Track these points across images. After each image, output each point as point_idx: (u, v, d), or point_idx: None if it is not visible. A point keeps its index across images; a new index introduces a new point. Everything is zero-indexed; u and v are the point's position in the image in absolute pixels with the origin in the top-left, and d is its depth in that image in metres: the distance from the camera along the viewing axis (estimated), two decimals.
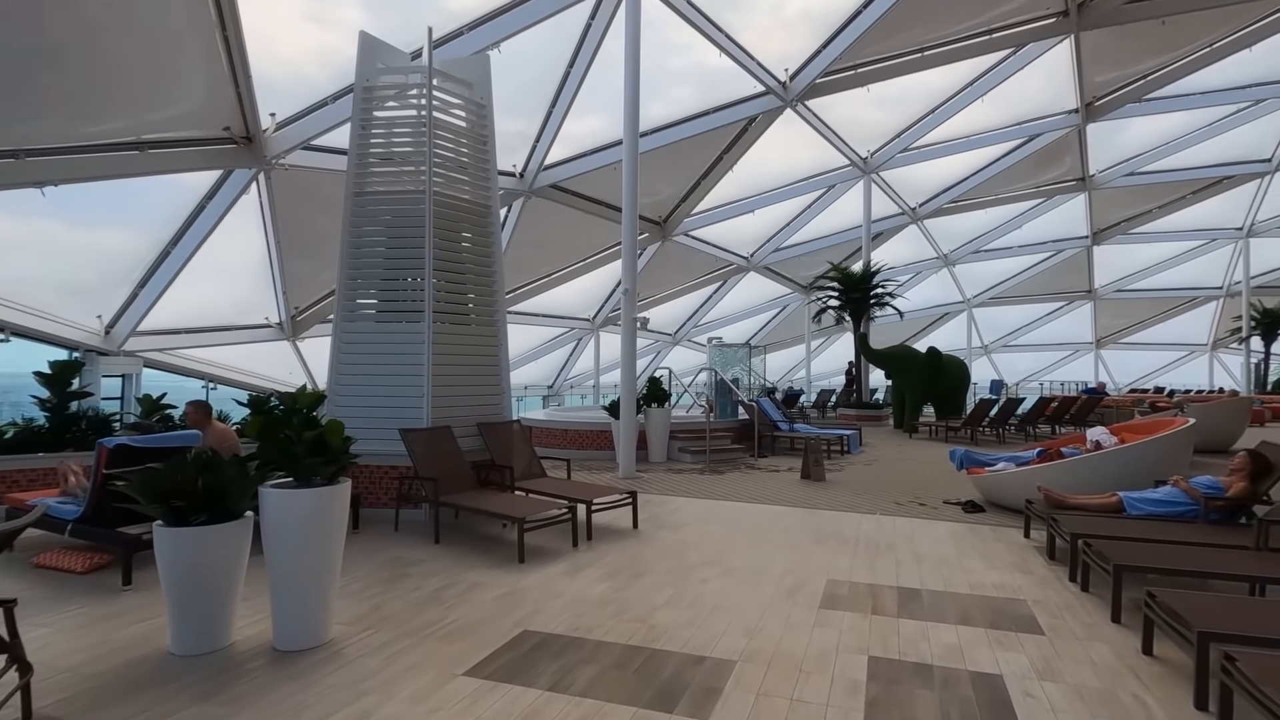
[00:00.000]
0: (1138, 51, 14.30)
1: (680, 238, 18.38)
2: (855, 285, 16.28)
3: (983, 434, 12.35)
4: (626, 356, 8.86)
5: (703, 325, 25.82)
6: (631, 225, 8.96)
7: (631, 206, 8.97)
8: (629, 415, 8.79)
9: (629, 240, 8.96)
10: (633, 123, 9.00)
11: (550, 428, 10.92)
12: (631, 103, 8.96)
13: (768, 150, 15.64)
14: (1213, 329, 31.34)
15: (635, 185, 8.98)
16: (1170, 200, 22.53)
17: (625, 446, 8.76)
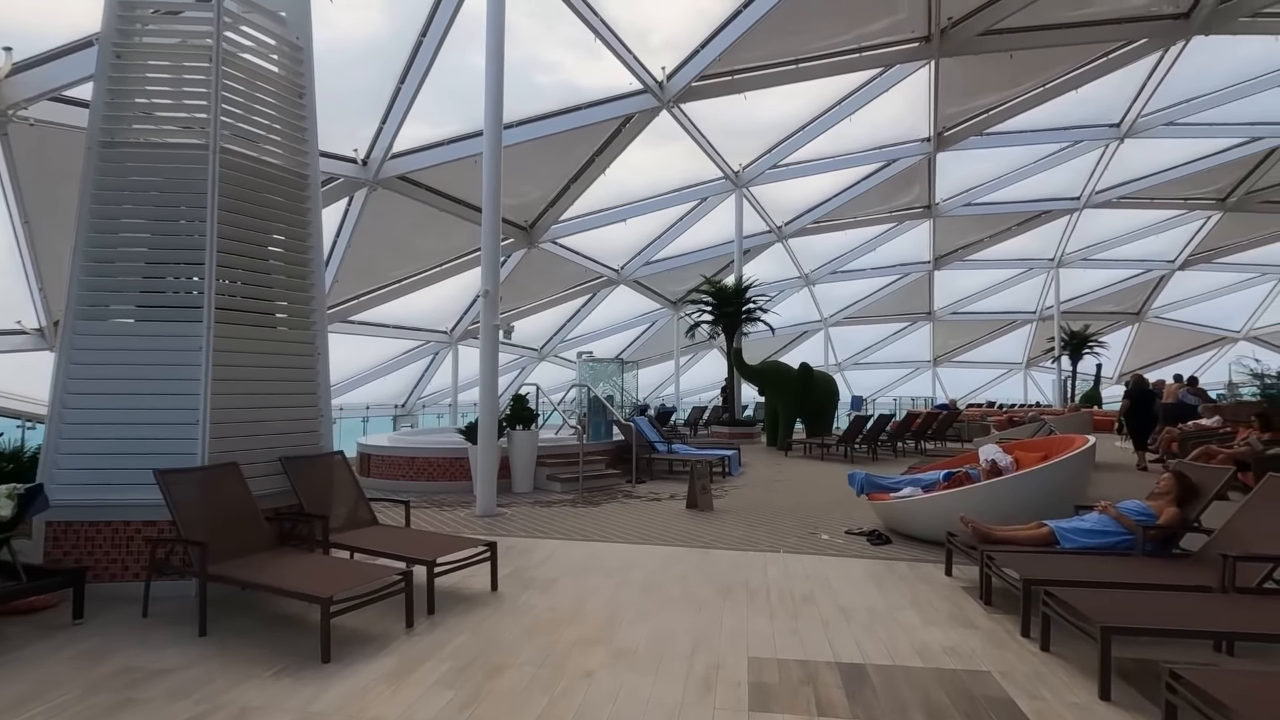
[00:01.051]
0: (983, 86, 15.15)
1: (548, 245, 17.16)
2: (728, 300, 15.90)
3: (857, 451, 12.19)
4: (486, 371, 7.50)
5: (570, 340, 24.67)
6: (493, 221, 7.65)
7: (494, 200, 7.68)
8: (489, 440, 7.41)
9: (490, 237, 7.65)
10: (495, 110, 7.75)
11: (393, 455, 9.21)
12: (494, 87, 7.71)
13: (641, 157, 14.89)
14: (1027, 349, 34.97)
15: (498, 179, 7.71)
16: (999, 231, 24.62)
17: (484, 477, 7.36)
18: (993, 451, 6.68)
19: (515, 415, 8.89)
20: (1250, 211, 23.01)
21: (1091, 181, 21.26)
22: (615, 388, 14.67)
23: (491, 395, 7.51)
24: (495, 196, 7.68)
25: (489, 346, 7.44)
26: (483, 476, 7.37)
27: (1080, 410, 14.12)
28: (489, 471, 7.38)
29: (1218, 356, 34.24)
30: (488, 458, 7.39)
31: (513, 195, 14.90)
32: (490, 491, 7.35)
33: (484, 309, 7.44)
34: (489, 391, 7.49)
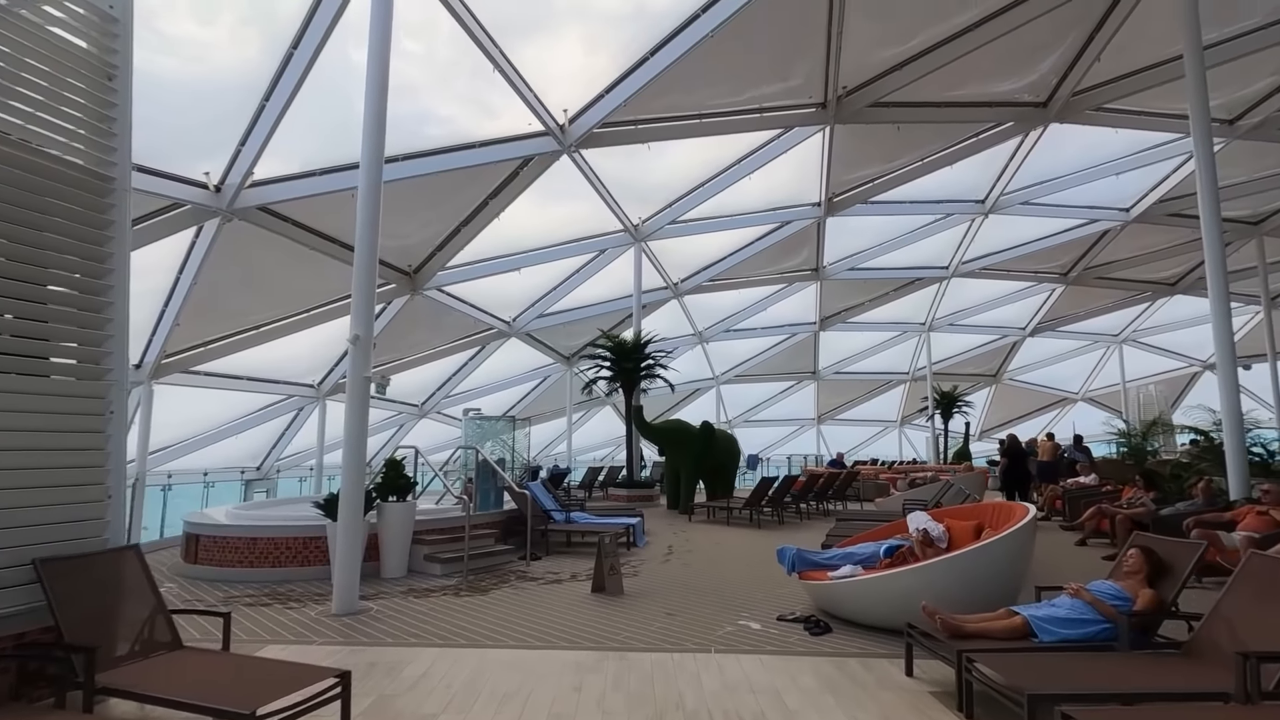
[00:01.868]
0: (871, 157, 15.83)
1: (433, 293, 15.87)
2: (627, 355, 15.24)
3: (764, 514, 11.64)
4: (353, 431, 6.21)
5: (456, 396, 23.03)
6: (368, 260, 6.54)
7: (369, 236, 6.60)
8: (352, 515, 6.07)
9: (364, 276, 6.51)
10: (375, 138, 6.75)
11: (229, 537, 7.50)
12: (375, 110, 6.74)
13: (539, 203, 14.18)
14: (901, 407, 36.91)
15: (375, 212, 6.66)
16: (878, 295, 25.91)
17: (344, 564, 5.98)
18: (923, 520, 6.21)
19: (388, 484, 7.53)
20: (1086, 286, 25.63)
21: (959, 252, 22.86)
22: (505, 448, 13.41)
23: (358, 460, 6.21)
24: (371, 232, 6.59)
25: (357, 402, 6.18)
26: (342, 562, 5.98)
27: (973, 469, 14.48)
28: (351, 555, 6.01)
29: (1061, 415, 37.77)
30: (350, 538, 6.03)
31: (394, 236, 13.62)
32: (352, 581, 5.97)
33: (353, 358, 6.21)
34: (355, 456, 6.18)
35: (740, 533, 10.83)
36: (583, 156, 12.72)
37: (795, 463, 28.74)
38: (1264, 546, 6.10)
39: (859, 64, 12.03)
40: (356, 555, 6.10)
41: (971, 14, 11.31)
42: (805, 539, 9.84)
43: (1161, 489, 9.18)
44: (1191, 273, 25.33)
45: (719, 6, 9.88)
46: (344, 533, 6.04)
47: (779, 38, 11.26)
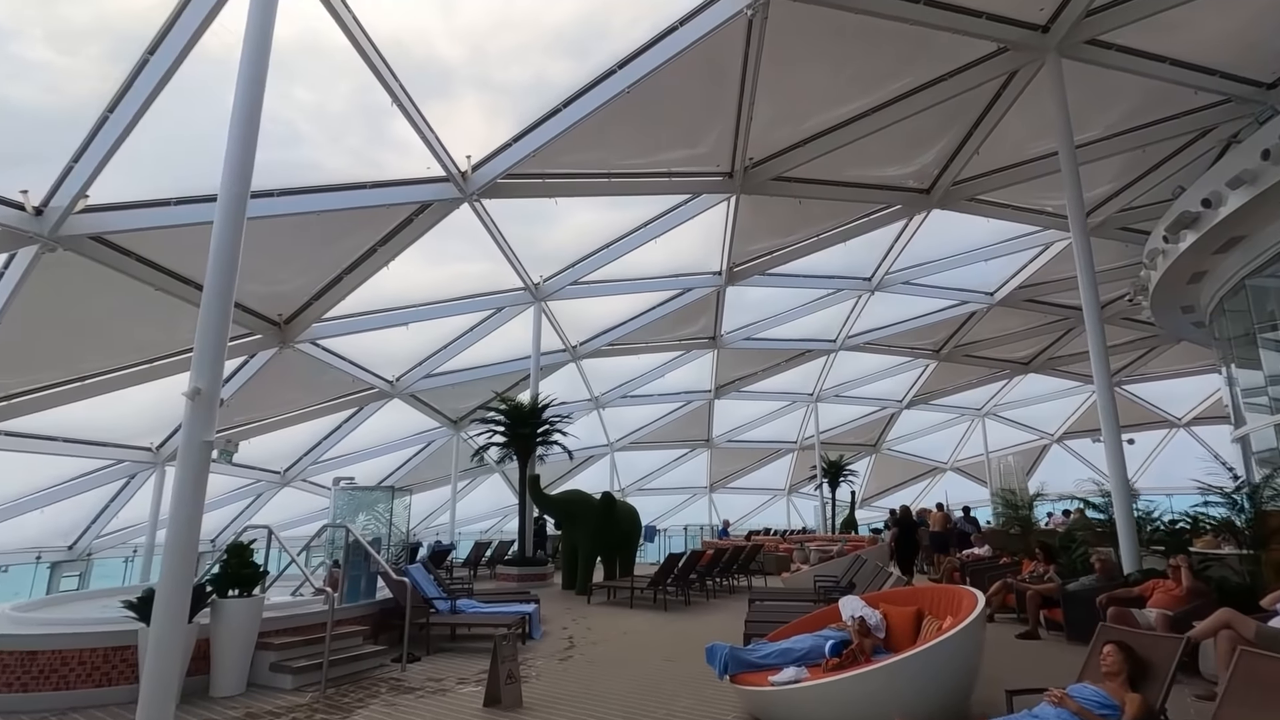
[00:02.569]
0: (772, 229, 16.21)
1: (306, 346, 14.25)
2: (523, 419, 14.21)
3: (671, 594, 10.79)
4: (183, 511, 4.88)
5: (326, 462, 20.78)
6: (221, 302, 5.41)
7: (224, 274, 5.48)
8: (171, 618, 4.68)
9: (212, 319, 5.35)
10: (242, 162, 5.73)
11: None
12: (243, 131, 5.72)
13: (433, 254, 13.22)
14: (789, 476, 37.64)
15: (234, 249, 5.58)
16: (770, 365, 26.49)
17: (155, 683, 4.54)
18: (858, 607, 5.69)
19: (230, 575, 6.08)
20: (955, 362, 27.53)
21: (845, 327, 23.88)
22: (381, 522, 11.85)
23: (185, 546, 4.85)
24: (226, 266, 5.48)
25: (192, 472, 4.90)
26: (151, 681, 4.55)
27: (878, 541, 14.44)
28: (163, 672, 4.59)
29: (932, 484, 39.98)
30: (164, 647, 4.62)
31: (265, 280, 12.15)
32: (163, 709, 4.53)
33: (190, 417, 4.96)
34: (182, 540, 4.83)
35: (647, 617, 9.92)
36: (484, 207, 12.00)
37: (692, 533, 28.16)
38: (1179, 624, 6.05)
39: (765, 138, 12.27)
40: (172, 671, 4.69)
41: (866, 101, 11.89)
42: (720, 623, 9.11)
43: (1059, 561, 9.30)
44: (1042, 353, 27.90)
45: (633, 66, 9.68)
46: (156, 642, 4.62)
47: (692, 105, 11.28)
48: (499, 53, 9.93)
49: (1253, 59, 11.68)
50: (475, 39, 9.64)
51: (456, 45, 9.62)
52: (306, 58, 8.56)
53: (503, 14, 9.51)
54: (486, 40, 9.69)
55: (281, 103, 9.09)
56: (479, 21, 9.44)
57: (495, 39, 9.72)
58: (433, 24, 9.23)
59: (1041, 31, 10.24)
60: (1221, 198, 10.76)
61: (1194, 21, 10.60)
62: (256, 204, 8.87)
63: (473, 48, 9.75)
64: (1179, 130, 13.28)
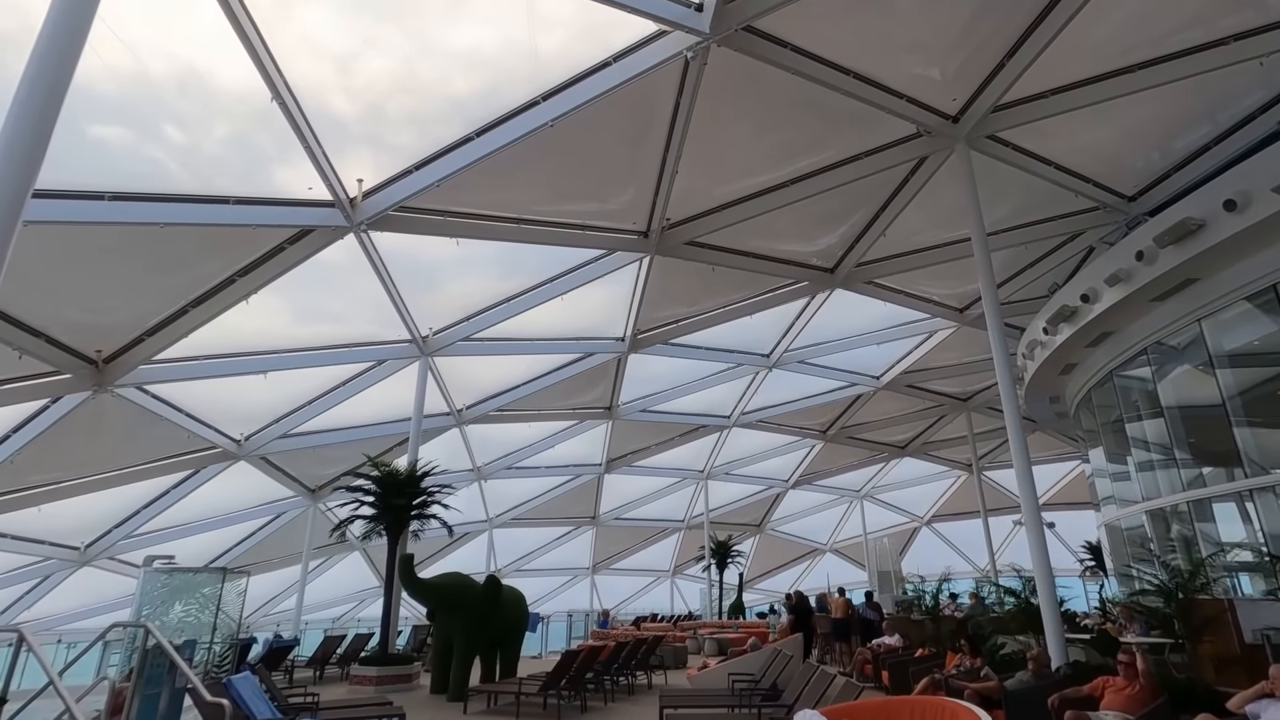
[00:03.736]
0: (679, 297, 15.78)
1: (129, 391, 11.76)
2: (399, 488, 12.32)
3: (565, 699, 9.17)
4: None
5: (144, 536, 17.29)
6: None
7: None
8: None
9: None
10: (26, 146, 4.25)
11: None
12: (35, 105, 4.26)
13: (306, 290, 11.49)
14: (674, 557, 36.53)
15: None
16: (664, 440, 25.77)
17: None
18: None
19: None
20: (839, 443, 28.16)
21: (741, 402, 23.77)
22: (206, 613, 9.51)
23: None
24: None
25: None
26: None
27: (791, 634, 13.45)
28: None
29: (812, 565, 40.29)
30: None
31: (81, 306, 9.89)
32: None
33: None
34: None
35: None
36: (372, 242, 10.56)
37: (576, 621, 26.11)
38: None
39: (684, 199, 11.87)
40: None
41: (786, 172, 11.87)
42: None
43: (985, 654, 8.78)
44: (918, 437, 29.24)
45: (559, 99, 8.94)
46: None
47: (614, 153, 10.70)
48: (406, 75, 8.88)
49: (1119, 172, 12.91)
50: (379, 57, 8.55)
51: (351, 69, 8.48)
52: (169, 30, 7.09)
53: (421, 41, 8.54)
54: (393, 65, 8.64)
55: (131, 88, 7.48)
56: (392, 40, 8.40)
57: (405, 68, 8.69)
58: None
59: (953, 121, 10.64)
60: (1098, 294, 11.44)
61: (1075, 131, 11.52)
62: (84, 207, 7.10)
63: (372, 76, 8.64)
64: (1055, 231, 14.37)
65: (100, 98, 7.56)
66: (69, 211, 7.68)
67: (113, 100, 7.58)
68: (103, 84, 7.68)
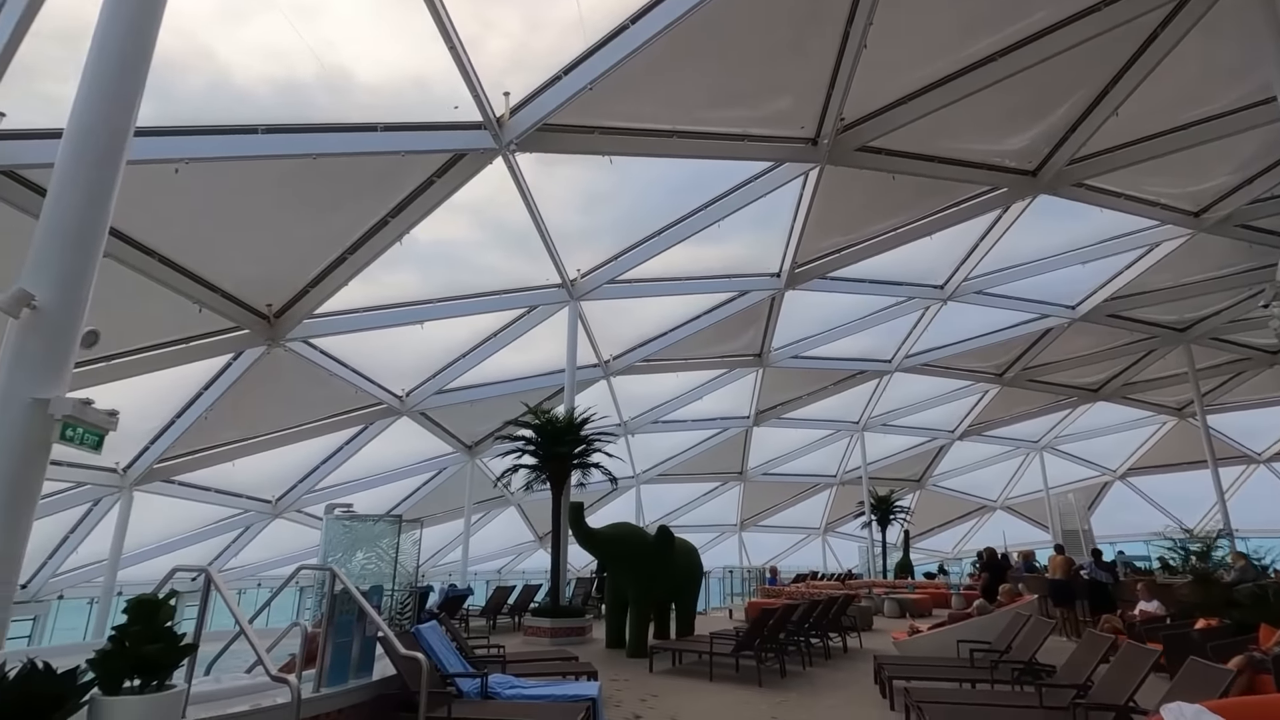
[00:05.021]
0: (845, 222, 13.95)
1: (298, 345, 11.93)
2: (559, 436, 11.73)
3: (767, 662, 8.12)
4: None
5: (321, 491, 18.26)
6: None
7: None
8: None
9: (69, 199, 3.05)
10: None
11: None
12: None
13: (455, 229, 10.98)
14: (825, 513, 34.74)
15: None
16: (817, 389, 23.96)
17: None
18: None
19: (125, 654, 3.58)
20: (1018, 388, 24.92)
21: (905, 345, 21.45)
22: (385, 561, 9.33)
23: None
24: None
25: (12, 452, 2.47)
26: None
27: (984, 592, 11.70)
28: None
29: (980, 524, 36.91)
30: None
31: (248, 257, 9.89)
32: None
33: (13, 351, 2.56)
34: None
35: (742, 696, 7.31)
36: (519, 166, 9.74)
37: (735, 577, 25.33)
38: None
39: (864, 91, 10.03)
40: None
41: (988, 43, 9.69)
42: (852, 708, 6.52)
43: None
44: (1116, 378, 25.31)
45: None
46: None
47: (780, 43, 9.09)
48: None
49: None
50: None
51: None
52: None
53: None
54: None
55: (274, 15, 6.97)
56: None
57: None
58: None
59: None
60: None
61: None
62: (234, 141, 6.66)
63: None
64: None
65: (245, 27, 7.14)
66: (224, 147, 7.38)
67: (259, 30, 7.15)
68: (252, 10, 7.25)
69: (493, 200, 10.33)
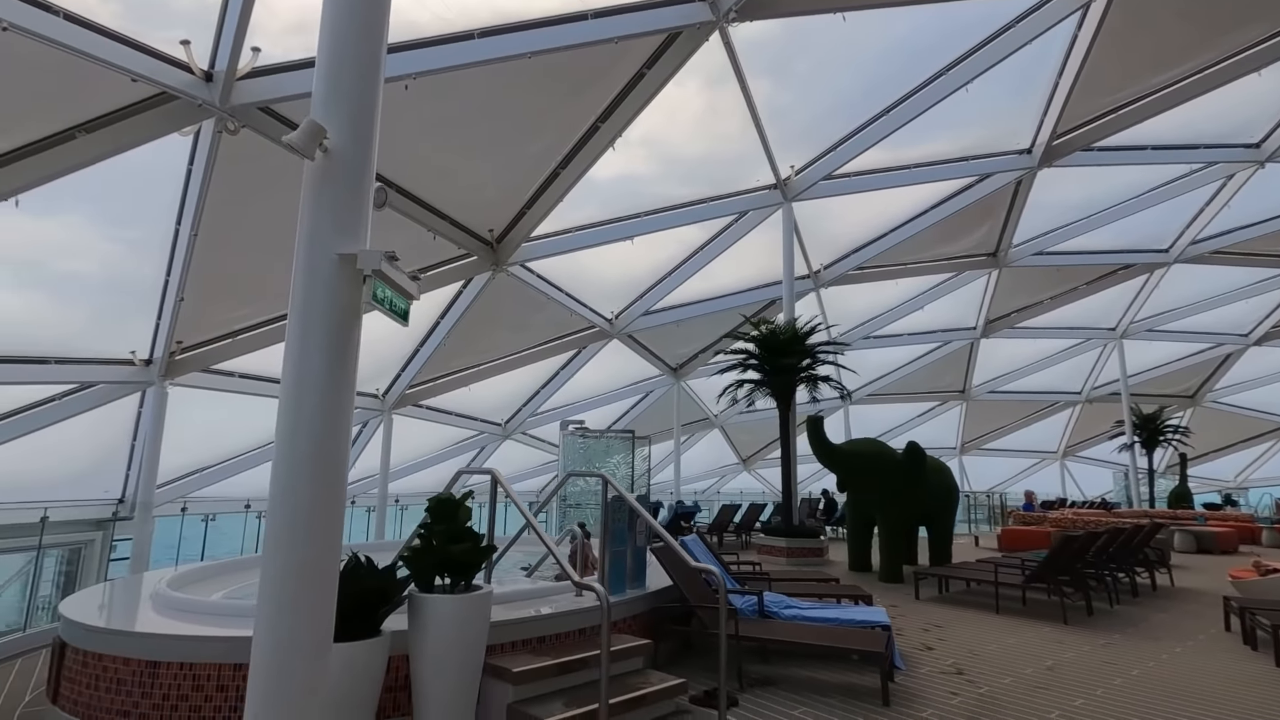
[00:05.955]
0: (1138, 58, 11.02)
1: (518, 270, 12.15)
2: (784, 348, 10.86)
3: (1071, 597, 6.87)
4: (310, 399, 2.18)
5: (542, 415, 19.25)
6: None
7: None
8: (311, 634, 2.02)
9: None
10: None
11: (108, 656, 3.61)
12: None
13: (661, 130, 10.26)
14: (1065, 436, 30.61)
15: None
16: (1065, 290, 20.47)
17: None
18: None
19: (435, 552, 3.44)
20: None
21: (1192, 227, 17.40)
22: (618, 477, 9.28)
23: (331, 460, 2.17)
24: None
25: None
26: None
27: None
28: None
29: (1275, 449, 30.33)
30: (303, 686, 1.97)
31: (466, 183, 9.98)
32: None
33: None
34: (320, 450, 2.15)
35: (1044, 632, 6.20)
36: (735, 43, 8.64)
37: (964, 503, 23.27)
38: None
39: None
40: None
41: None
42: (1209, 650, 5.18)
43: None
44: None
45: None
46: (281, 679, 1.99)
47: None
48: None
49: None
50: None
51: None
52: None
53: None
54: None
55: None
56: None
57: None
58: None
59: None
60: None
61: None
62: (455, 50, 6.34)
63: None
64: None
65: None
66: (446, 57, 7.19)
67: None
68: None
69: (702, 94, 9.40)
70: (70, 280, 8.45)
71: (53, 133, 6.49)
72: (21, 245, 7.63)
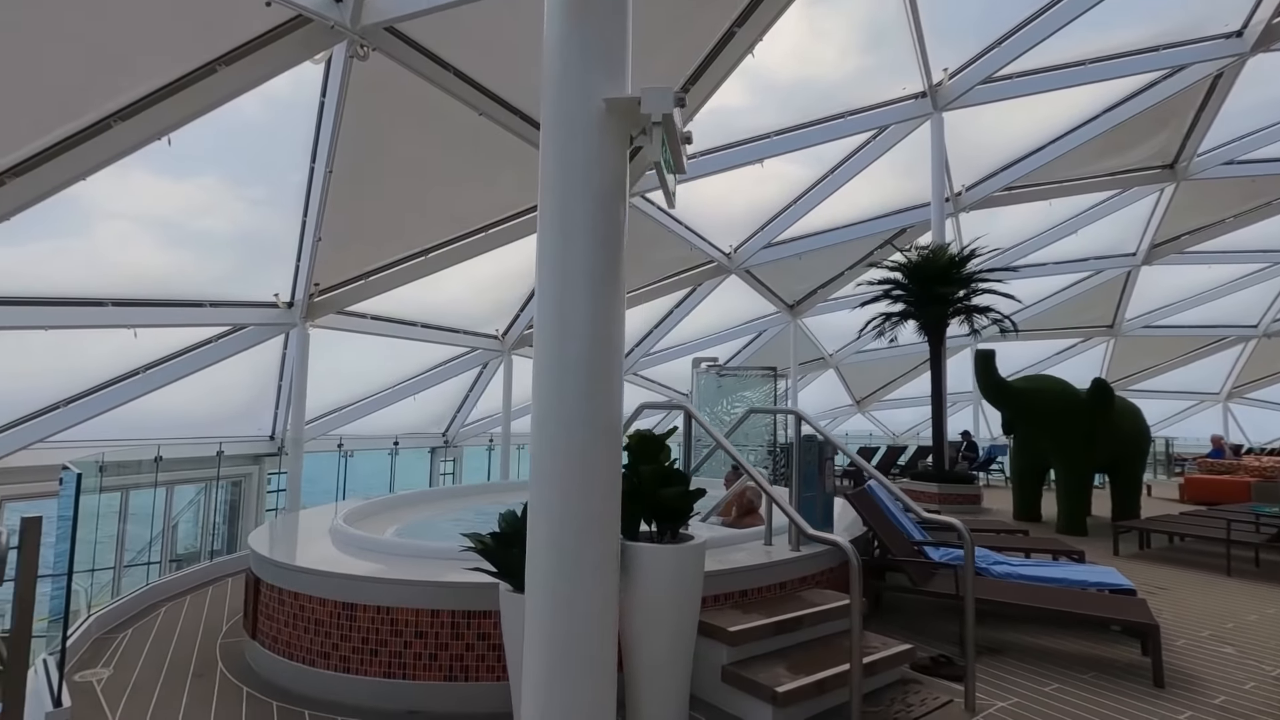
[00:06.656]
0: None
1: (638, 201, 11.52)
2: (940, 276, 9.77)
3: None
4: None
5: (656, 355, 18.89)
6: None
7: None
8: (583, 584, 1.62)
9: None
10: None
11: (304, 595, 3.46)
12: None
13: (796, 39, 9.17)
14: (1231, 375, 27.23)
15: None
16: (1257, 205, 17.62)
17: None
18: None
19: (644, 495, 3.00)
20: None
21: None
22: (765, 415, 8.71)
23: (602, 406, 1.73)
24: None
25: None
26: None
27: None
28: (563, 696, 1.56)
29: None
30: (559, 651, 1.59)
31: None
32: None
33: None
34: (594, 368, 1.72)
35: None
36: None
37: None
38: None
39: None
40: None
41: None
42: None
43: None
44: None
45: None
46: (543, 642, 1.60)
47: None
48: None
49: None
50: None
51: None
52: None
53: None
54: None
55: None
56: None
57: None
58: None
59: None
60: None
61: None
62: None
63: None
64: None
65: None
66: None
67: None
68: None
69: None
70: (208, 235, 8.59)
71: (196, 67, 6.38)
72: (164, 207, 7.80)
